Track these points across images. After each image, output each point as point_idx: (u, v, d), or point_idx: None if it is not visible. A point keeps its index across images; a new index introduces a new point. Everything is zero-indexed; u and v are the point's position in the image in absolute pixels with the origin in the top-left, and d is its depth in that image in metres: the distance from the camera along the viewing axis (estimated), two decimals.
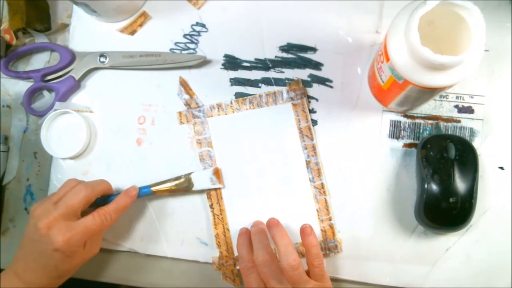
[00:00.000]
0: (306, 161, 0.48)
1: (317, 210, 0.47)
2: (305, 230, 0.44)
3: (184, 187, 0.47)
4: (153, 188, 0.46)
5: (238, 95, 0.49)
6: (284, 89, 0.49)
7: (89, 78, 0.51)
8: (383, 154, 0.47)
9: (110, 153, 0.50)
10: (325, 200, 0.47)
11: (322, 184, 0.47)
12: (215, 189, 0.48)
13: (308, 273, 0.42)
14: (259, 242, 0.43)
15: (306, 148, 0.48)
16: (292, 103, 0.48)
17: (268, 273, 0.41)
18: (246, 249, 0.44)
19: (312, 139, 0.48)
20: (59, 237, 0.40)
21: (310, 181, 0.47)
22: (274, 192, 0.48)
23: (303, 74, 0.49)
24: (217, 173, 0.48)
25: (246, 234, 0.45)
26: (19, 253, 0.42)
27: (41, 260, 0.41)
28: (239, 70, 0.50)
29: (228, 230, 0.48)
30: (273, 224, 0.44)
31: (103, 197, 0.45)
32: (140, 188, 0.46)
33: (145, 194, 0.46)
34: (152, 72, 0.50)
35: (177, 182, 0.47)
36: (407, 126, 0.48)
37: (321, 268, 0.42)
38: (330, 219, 0.47)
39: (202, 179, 0.47)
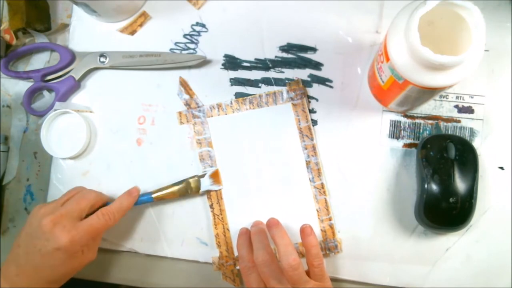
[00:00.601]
0: (306, 161, 0.48)
1: (317, 210, 0.47)
2: (305, 230, 0.44)
3: (184, 192, 0.47)
4: (154, 195, 0.47)
5: (238, 95, 0.49)
6: (284, 89, 0.49)
7: (89, 78, 0.51)
8: (383, 154, 0.47)
9: (110, 153, 0.50)
10: (325, 200, 0.47)
11: (322, 184, 0.47)
12: (216, 190, 0.48)
13: (308, 273, 0.42)
14: (259, 242, 0.43)
15: (306, 148, 0.48)
16: (292, 103, 0.48)
17: (268, 273, 0.41)
18: (246, 249, 0.44)
19: (312, 139, 0.48)
20: (63, 234, 0.39)
21: (310, 181, 0.47)
22: (274, 192, 0.48)
23: (303, 74, 0.49)
24: (216, 175, 0.48)
25: (246, 234, 0.45)
26: (11, 256, 0.41)
27: (39, 260, 0.40)
28: (239, 70, 0.50)
29: (228, 230, 0.48)
30: (273, 224, 0.44)
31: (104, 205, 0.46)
32: (140, 196, 0.46)
33: (146, 202, 0.47)
34: (152, 72, 0.50)
35: (178, 187, 0.47)
36: (407, 126, 0.48)
37: (321, 268, 0.42)
38: (330, 219, 0.47)
39: (202, 183, 0.47)
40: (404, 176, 0.47)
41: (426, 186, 0.44)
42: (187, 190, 0.47)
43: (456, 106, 0.47)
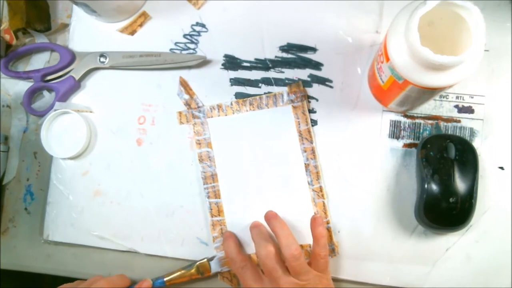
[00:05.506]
0: (305, 164, 0.47)
1: (315, 213, 0.47)
2: (316, 220, 0.44)
3: (194, 274, 0.46)
4: (166, 279, 0.46)
5: (238, 95, 0.49)
6: (284, 91, 0.49)
7: (89, 78, 0.51)
8: (383, 154, 0.47)
9: (110, 153, 0.50)
10: (323, 203, 0.47)
11: (320, 187, 0.47)
12: (214, 191, 0.48)
13: (310, 264, 0.42)
14: (259, 234, 0.43)
15: (305, 151, 0.48)
16: (292, 106, 0.48)
17: (271, 265, 0.41)
18: (235, 251, 0.44)
19: (311, 142, 0.48)
20: None
21: (309, 184, 0.47)
22: (273, 194, 0.48)
23: (303, 74, 0.49)
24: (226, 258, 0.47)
25: (231, 237, 0.45)
26: None
27: None
28: (239, 70, 0.50)
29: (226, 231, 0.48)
30: (271, 216, 0.44)
31: None
32: (152, 280, 0.46)
33: (159, 286, 0.46)
34: (152, 72, 0.50)
35: (190, 272, 0.46)
36: (407, 126, 0.48)
37: (326, 260, 0.42)
38: (328, 222, 0.47)
39: (212, 265, 0.46)
40: (404, 176, 0.47)
41: (426, 186, 0.44)
42: (197, 273, 0.46)
43: (456, 106, 0.47)
